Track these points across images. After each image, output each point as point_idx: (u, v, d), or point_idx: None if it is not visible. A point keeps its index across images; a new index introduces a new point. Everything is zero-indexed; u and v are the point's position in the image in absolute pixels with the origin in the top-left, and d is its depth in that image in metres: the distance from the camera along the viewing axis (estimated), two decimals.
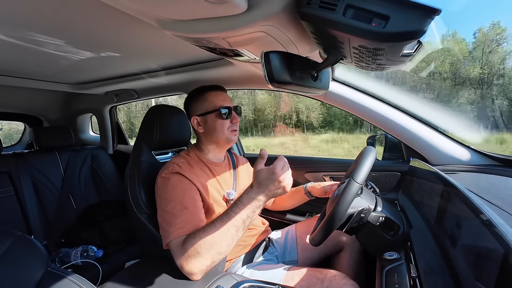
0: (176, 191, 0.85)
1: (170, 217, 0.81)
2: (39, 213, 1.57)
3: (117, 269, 1.36)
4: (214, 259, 0.74)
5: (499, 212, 0.58)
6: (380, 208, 0.80)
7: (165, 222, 0.82)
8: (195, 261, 0.72)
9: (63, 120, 2.22)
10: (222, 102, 0.98)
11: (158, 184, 0.90)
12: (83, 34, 0.84)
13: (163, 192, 0.87)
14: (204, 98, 1.00)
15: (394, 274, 0.68)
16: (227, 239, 0.73)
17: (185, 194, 0.86)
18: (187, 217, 0.81)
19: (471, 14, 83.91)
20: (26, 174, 1.58)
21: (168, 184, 0.87)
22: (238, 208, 0.74)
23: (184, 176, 0.88)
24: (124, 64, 1.24)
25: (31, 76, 1.39)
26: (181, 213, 0.81)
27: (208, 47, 0.78)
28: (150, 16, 0.64)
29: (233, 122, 0.99)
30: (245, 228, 0.75)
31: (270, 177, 0.72)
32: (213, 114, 0.97)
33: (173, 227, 0.79)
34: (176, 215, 0.81)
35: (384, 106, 1.19)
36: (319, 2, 0.50)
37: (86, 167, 1.87)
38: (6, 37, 0.83)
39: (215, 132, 0.98)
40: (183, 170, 0.90)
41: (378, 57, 0.57)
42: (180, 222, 0.80)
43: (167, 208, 0.83)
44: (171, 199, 0.84)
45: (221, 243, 0.73)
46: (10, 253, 0.69)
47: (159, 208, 0.86)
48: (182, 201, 0.84)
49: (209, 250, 0.72)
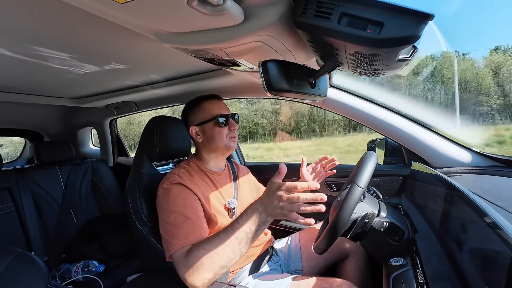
0: (177, 202, 0.85)
1: (173, 229, 0.80)
2: (39, 229, 1.55)
3: (119, 284, 1.34)
4: (217, 272, 0.72)
5: (504, 214, 0.57)
6: (384, 213, 0.79)
7: (168, 233, 0.81)
8: (197, 274, 0.71)
9: (64, 134, 2.22)
10: (219, 110, 0.99)
11: (159, 195, 0.90)
12: (83, 49, 0.86)
13: (164, 203, 0.86)
14: (201, 107, 1.01)
15: (401, 280, 0.67)
16: (230, 252, 0.72)
17: (187, 204, 0.85)
18: (190, 228, 0.80)
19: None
20: (27, 190, 1.57)
21: (169, 195, 0.86)
22: (243, 220, 0.72)
23: (185, 186, 0.88)
24: (124, 77, 1.25)
25: (31, 91, 1.40)
26: (183, 224, 0.80)
27: (206, 58, 0.80)
28: (149, 30, 0.65)
29: (231, 129, 1.00)
30: (249, 242, 0.73)
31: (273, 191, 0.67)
32: (211, 122, 0.98)
33: (175, 238, 0.78)
34: (179, 226, 0.80)
35: (383, 111, 1.20)
36: (314, 11, 0.51)
37: (87, 181, 1.86)
38: (10, 53, 0.84)
39: (213, 141, 0.98)
40: (183, 180, 0.89)
41: (375, 63, 0.58)
42: (183, 234, 0.79)
43: (169, 220, 0.82)
44: (172, 210, 0.83)
45: (224, 255, 0.72)
46: (10, 271, 0.68)
47: (161, 220, 0.86)
48: (183, 211, 0.83)
49: (212, 263, 0.71)
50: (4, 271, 0.67)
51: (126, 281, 1.13)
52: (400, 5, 0.45)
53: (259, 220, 0.71)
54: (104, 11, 0.55)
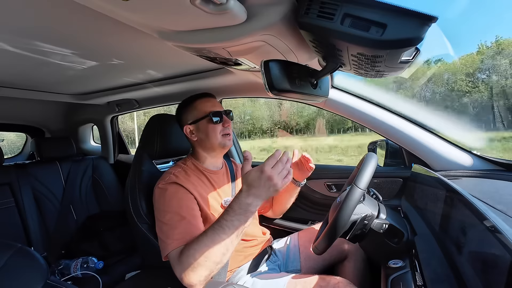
0: (172, 202, 0.85)
1: (168, 229, 0.80)
2: (39, 225, 1.56)
3: (117, 280, 1.34)
4: (212, 269, 0.72)
5: (504, 218, 0.57)
6: (384, 215, 0.79)
7: (163, 233, 0.81)
8: (192, 272, 0.71)
9: (65, 130, 2.23)
10: (211, 108, 1.00)
11: (155, 195, 0.90)
12: (85, 45, 0.86)
13: (160, 203, 0.87)
14: (193, 106, 1.02)
15: (400, 283, 0.67)
16: (221, 248, 0.72)
17: (182, 204, 0.85)
18: (185, 227, 0.80)
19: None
20: (27, 185, 1.57)
21: (165, 195, 0.86)
22: (229, 215, 0.71)
23: (181, 186, 0.88)
24: (126, 74, 1.25)
25: (34, 87, 1.40)
26: (179, 224, 0.81)
27: (208, 57, 0.80)
28: (151, 27, 0.65)
29: (225, 126, 1.00)
30: (239, 235, 0.73)
31: (259, 177, 0.67)
32: (204, 120, 0.98)
33: (171, 238, 0.78)
34: (174, 226, 0.80)
35: (384, 112, 1.19)
36: (317, 11, 0.51)
37: (87, 178, 1.87)
38: (13, 48, 0.84)
39: (208, 138, 0.99)
40: (179, 179, 0.90)
41: (377, 64, 0.58)
42: (178, 234, 0.79)
43: (165, 220, 0.82)
44: (168, 210, 0.84)
45: (216, 252, 0.71)
46: (10, 266, 0.69)
47: (157, 220, 0.86)
48: (179, 211, 0.83)
49: (205, 261, 0.71)
50: (3, 266, 0.68)
51: (125, 278, 1.13)
52: (404, 7, 0.45)
53: (246, 211, 0.70)
54: (107, 9, 0.55)
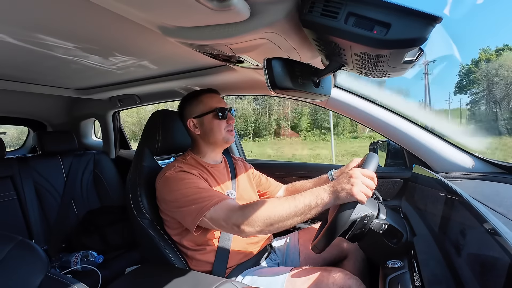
0: (185, 181, 0.87)
1: (198, 195, 0.82)
2: (40, 218, 1.57)
3: (117, 275, 1.35)
4: (267, 226, 0.74)
5: (504, 221, 0.57)
6: (383, 216, 0.79)
7: (193, 201, 0.82)
8: (250, 225, 0.74)
9: (67, 124, 2.23)
10: (217, 104, 1.01)
11: (161, 184, 0.91)
12: (88, 39, 0.86)
13: (173, 187, 0.87)
14: (199, 100, 1.02)
15: (398, 283, 0.67)
16: (284, 215, 0.73)
17: (198, 181, 0.88)
18: (210, 192, 0.83)
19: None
20: (29, 179, 1.58)
21: (176, 178, 0.88)
22: (307, 194, 0.74)
23: (189, 173, 0.90)
24: (128, 70, 1.25)
25: (36, 81, 1.40)
26: (202, 190, 0.83)
27: (211, 54, 0.79)
28: (154, 23, 0.65)
29: (229, 122, 1.02)
30: (303, 215, 0.73)
31: (347, 173, 0.73)
32: (210, 115, 0.99)
33: (208, 199, 0.80)
34: (203, 191, 0.83)
35: (386, 113, 1.19)
36: (321, 10, 0.50)
37: (88, 172, 1.87)
38: (16, 41, 0.84)
39: (212, 133, 1.00)
40: (185, 169, 0.92)
41: (380, 64, 0.57)
42: (212, 193, 0.82)
43: (188, 193, 0.84)
44: (185, 187, 0.85)
45: (279, 215, 0.73)
46: (10, 258, 0.69)
47: (174, 202, 0.86)
48: (197, 185, 0.85)
49: (266, 219, 0.73)
50: (4, 258, 0.68)
51: (124, 272, 1.14)
52: (408, 7, 0.44)
53: (319, 194, 0.73)
54: (110, 3, 0.55)
